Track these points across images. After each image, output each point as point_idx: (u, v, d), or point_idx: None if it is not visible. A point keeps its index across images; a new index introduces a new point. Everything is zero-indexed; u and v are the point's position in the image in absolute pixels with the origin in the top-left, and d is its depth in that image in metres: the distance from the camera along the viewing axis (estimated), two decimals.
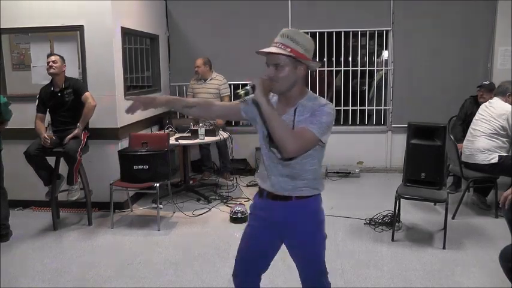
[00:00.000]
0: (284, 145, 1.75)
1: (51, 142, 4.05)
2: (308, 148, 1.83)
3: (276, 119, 1.76)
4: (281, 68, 1.82)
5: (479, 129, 4.31)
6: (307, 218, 1.98)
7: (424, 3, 5.81)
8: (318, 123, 1.80)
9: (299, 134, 1.79)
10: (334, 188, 5.58)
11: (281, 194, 1.95)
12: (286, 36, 1.82)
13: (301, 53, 1.82)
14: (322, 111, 1.82)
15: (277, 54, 1.80)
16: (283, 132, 1.75)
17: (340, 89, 6.28)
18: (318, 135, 1.80)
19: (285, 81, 1.84)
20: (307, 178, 1.93)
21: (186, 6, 6.14)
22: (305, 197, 1.95)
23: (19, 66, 4.75)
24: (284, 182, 1.93)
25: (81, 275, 3.30)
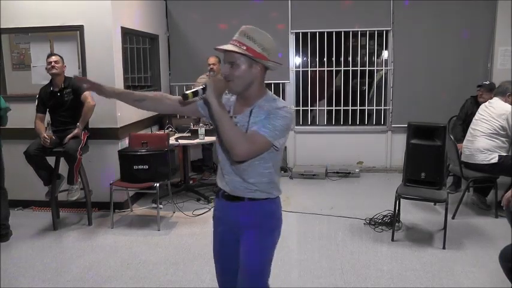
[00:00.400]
0: (232, 148, 1.69)
1: (51, 142, 4.05)
2: (259, 152, 1.76)
3: (225, 120, 1.69)
4: (236, 66, 1.76)
5: (479, 129, 4.31)
6: (257, 221, 1.90)
7: (424, 3, 5.81)
8: (272, 126, 1.72)
9: (250, 138, 1.71)
10: (334, 188, 5.58)
11: (234, 194, 1.90)
12: (243, 34, 1.78)
13: (258, 52, 1.76)
14: (277, 115, 1.74)
15: (230, 51, 1.75)
16: (232, 134, 1.68)
17: (340, 89, 6.28)
18: (271, 139, 1.73)
19: (241, 80, 1.78)
20: (260, 181, 1.87)
21: (186, 6, 6.15)
22: (258, 199, 1.89)
23: (19, 66, 4.75)
24: (237, 182, 1.89)
25: (81, 275, 3.30)
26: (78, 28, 4.49)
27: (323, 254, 3.60)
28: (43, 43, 4.62)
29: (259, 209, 1.91)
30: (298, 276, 3.24)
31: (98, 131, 4.45)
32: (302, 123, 6.48)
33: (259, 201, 1.90)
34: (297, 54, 6.30)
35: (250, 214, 1.90)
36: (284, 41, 6.09)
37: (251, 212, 1.90)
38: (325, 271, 3.27)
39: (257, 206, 1.90)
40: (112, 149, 4.52)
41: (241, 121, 1.83)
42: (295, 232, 4.23)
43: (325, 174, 5.98)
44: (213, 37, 6.08)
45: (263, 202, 1.91)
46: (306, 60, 6.44)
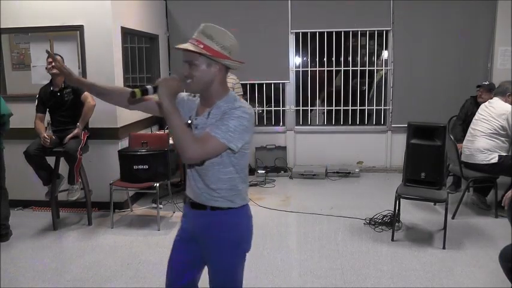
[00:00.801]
0: (182, 149, 1.61)
1: (50, 142, 4.05)
2: (211, 155, 1.69)
3: (175, 121, 1.63)
4: (194, 65, 1.70)
5: (479, 129, 4.31)
6: (219, 233, 1.80)
7: (424, 3, 5.81)
8: (225, 127, 1.64)
9: (201, 139, 1.64)
10: (334, 188, 5.58)
11: (198, 201, 1.82)
12: (202, 33, 1.71)
13: (216, 50, 1.69)
14: (231, 115, 1.66)
15: (187, 50, 1.69)
16: (182, 135, 1.62)
17: (340, 89, 6.28)
18: (224, 141, 1.64)
19: (199, 80, 1.71)
20: (222, 188, 1.77)
21: (186, 6, 6.14)
22: (220, 208, 1.79)
23: (19, 66, 4.75)
24: (200, 188, 1.80)
25: (81, 275, 3.30)
26: (78, 28, 4.49)
27: (323, 254, 3.60)
28: (43, 43, 4.62)
29: (220, 220, 1.80)
30: (298, 276, 3.24)
31: (98, 131, 4.45)
32: (302, 123, 6.48)
33: (221, 211, 1.79)
34: (297, 54, 6.30)
35: (211, 226, 1.81)
36: (284, 41, 6.09)
37: (212, 223, 1.81)
38: (325, 271, 3.27)
39: (219, 217, 1.80)
40: (112, 149, 4.52)
41: (201, 123, 1.77)
42: (295, 232, 4.23)
43: (325, 174, 5.98)
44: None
45: (226, 212, 1.80)
46: (306, 60, 6.44)
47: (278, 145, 6.31)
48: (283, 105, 6.38)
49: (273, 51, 6.12)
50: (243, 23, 6.09)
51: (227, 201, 1.79)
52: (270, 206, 4.78)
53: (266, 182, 5.76)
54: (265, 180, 5.82)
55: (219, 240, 1.81)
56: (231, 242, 1.82)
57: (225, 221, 1.81)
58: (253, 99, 6.53)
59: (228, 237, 1.81)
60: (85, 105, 4.12)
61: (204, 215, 1.81)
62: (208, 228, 1.82)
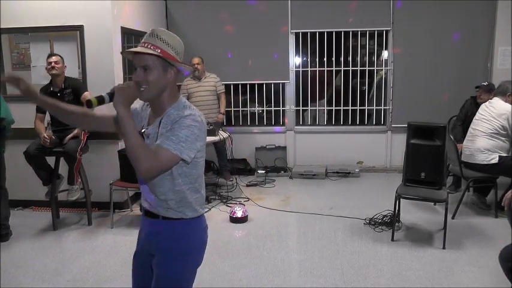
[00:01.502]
0: (136, 163, 1.53)
1: (50, 142, 4.05)
2: (165, 168, 1.61)
3: (130, 132, 1.55)
4: (150, 70, 1.61)
5: (479, 129, 4.31)
6: (168, 243, 1.75)
7: (424, 3, 5.81)
8: (176, 138, 1.57)
9: (154, 152, 1.56)
10: (334, 188, 5.58)
11: (151, 210, 1.78)
12: (156, 36, 1.63)
13: (172, 55, 1.64)
14: (181, 124, 1.59)
15: (146, 54, 1.60)
16: (136, 149, 1.53)
17: (340, 89, 6.28)
18: (176, 152, 1.56)
19: (154, 85, 1.63)
20: (171, 199, 1.71)
21: (185, 6, 6.14)
22: (171, 218, 1.74)
23: (19, 66, 4.75)
24: (152, 200, 1.75)
25: (81, 275, 3.30)
26: (78, 28, 4.49)
27: (323, 254, 3.60)
28: (43, 43, 4.62)
29: (170, 230, 1.75)
30: (298, 276, 3.24)
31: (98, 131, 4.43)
32: (302, 123, 6.48)
33: (172, 221, 1.74)
34: (297, 54, 6.30)
35: (161, 235, 1.76)
36: (284, 41, 6.09)
37: (163, 232, 1.76)
38: (325, 271, 3.27)
39: (169, 226, 1.75)
40: (112, 149, 4.52)
41: (152, 133, 1.70)
42: (295, 232, 4.23)
43: (325, 174, 5.98)
44: (213, 37, 6.09)
45: (176, 222, 1.74)
46: (305, 60, 6.44)
47: (278, 145, 6.31)
48: (283, 105, 6.38)
49: (273, 51, 6.12)
50: (243, 23, 6.09)
51: (177, 212, 1.73)
52: (270, 206, 4.78)
53: (266, 182, 5.76)
54: (265, 180, 5.82)
55: (167, 250, 1.75)
56: (179, 252, 1.75)
57: (175, 231, 1.75)
58: (253, 99, 6.53)
59: (176, 247, 1.74)
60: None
61: (157, 223, 1.77)
62: (158, 237, 1.77)
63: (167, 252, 1.75)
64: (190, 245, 1.78)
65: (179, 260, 1.75)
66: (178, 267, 1.75)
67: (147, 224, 1.82)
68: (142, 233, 1.87)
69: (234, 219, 4.27)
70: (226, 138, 5.24)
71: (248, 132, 6.36)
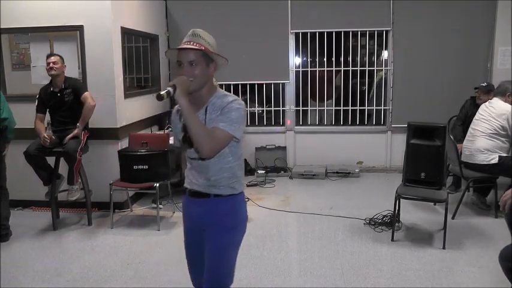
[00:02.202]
0: (201, 145, 1.77)
1: (50, 142, 4.05)
2: (223, 146, 1.84)
3: (195, 119, 1.76)
4: (196, 65, 1.83)
5: (479, 129, 4.31)
6: (220, 218, 1.96)
7: (424, 3, 5.81)
8: (228, 120, 1.81)
9: (212, 134, 1.79)
10: (333, 188, 5.58)
11: (200, 191, 1.97)
12: (198, 36, 1.87)
13: (212, 51, 1.87)
14: (230, 108, 1.83)
15: (193, 50, 1.83)
16: (200, 132, 1.76)
17: (340, 89, 6.28)
18: (231, 132, 1.81)
19: (200, 78, 1.84)
20: (222, 177, 1.93)
21: (186, 6, 6.14)
22: (223, 195, 1.95)
23: (19, 66, 4.75)
24: (201, 180, 1.95)
25: (81, 275, 3.30)
26: (78, 28, 4.49)
27: (323, 254, 3.60)
28: (43, 43, 4.62)
29: (222, 206, 1.95)
30: (298, 276, 3.24)
31: (98, 131, 4.45)
32: (302, 123, 6.48)
33: (223, 198, 1.94)
34: (297, 54, 6.30)
35: (213, 211, 1.95)
36: (284, 41, 6.09)
37: (214, 209, 1.95)
38: (325, 271, 3.27)
39: (221, 203, 1.95)
40: (112, 149, 4.52)
41: (200, 119, 1.87)
42: (295, 232, 4.23)
43: (325, 174, 5.98)
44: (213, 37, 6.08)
45: (227, 199, 1.95)
46: (305, 61, 6.44)
47: (278, 145, 6.31)
48: (283, 106, 6.38)
49: (273, 51, 6.12)
50: (243, 23, 6.10)
51: (229, 188, 1.94)
52: (270, 206, 4.77)
53: (266, 182, 5.76)
54: (265, 180, 5.82)
55: (220, 224, 1.94)
56: (231, 226, 1.96)
57: (227, 207, 1.96)
58: (253, 100, 6.53)
59: (229, 221, 1.96)
60: (85, 105, 4.12)
61: (207, 202, 1.95)
62: (210, 214, 1.95)
63: (221, 227, 1.94)
64: (240, 217, 2.02)
65: (231, 233, 1.97)
66: (230, 241, 1.97)
67: (197, 204, 1.99)
68: (190, 212, 2.05)
69: None
70: None
71: (248, 132, 6.35)
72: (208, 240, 1.96)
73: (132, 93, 5.09)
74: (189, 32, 1.90)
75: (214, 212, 1.95)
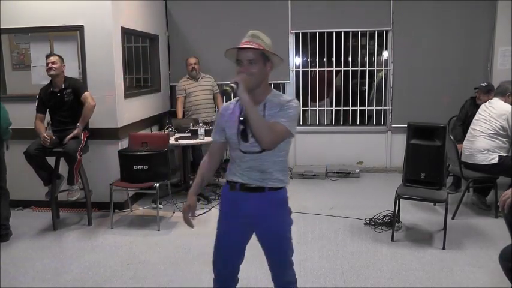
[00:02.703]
0: (263, 136, 1.88)
1: (50, 142, 4.05)
2: (281, 140, 1.97)
3: (257, 114, 1.89)
4: (254, 64, 1.95)
5: (479, 130, 4.31)
6: (277, 208, 2.11)
7: (424, 3, 5.81)
8: (288, 117, 1.95)
9: (273, 127, 1.91)
10: (334, 188, 5.58)
11: (254, 185, 2.05)
12: (257, 37, 1.99)
13: (269, 50, 1.99)
14: (290, 106, 1.98)
15: (254, 49, 1.93)
16: (262, 125, 1.88)
17: (340, 89, 6.28)
18: (289, 128, 1.95)
19: (257, 76, 1.96)
20: (276, 170, 2.05)
21: (186, 6, 6.14)
22: (275, 188, 2.07)
23: (19, 66, 4.76)
24: (255, 174, 2.05)
25: (81, 275, 3.30)
26: (78, 28, 4.49)
27: (323, 254, 3.60)
28: (43, 43, 4.62)
29: (277, 198, 2.09)
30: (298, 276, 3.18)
31: (98, 131, 4.45)
32: (302, 123, 6.47)
33: (276, 191, 2.07)
34: (297, 54, 6.30)
35: (269, 204, 2.07)
36: (284, 41, 6.09)
37: (270, 201, 2.07)
38: (325, 271, 3.27)
39: (275, 195, 2.08)
40: (112, 149, 4.52)
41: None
42: (295, 232, 4.16)
43: (325, 174, 5.98)
44: (213, 37, 6.09)
45: (280, 191, 2.09)
46: (305, 61, 6.44)
47: None
48: None
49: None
50: (243, 23, 6.08)
51: (280, 181, 2.08)
52: None
53: None
54: None
55: (277, 216, 2.10)
56: (286, 215, 2.15)
57: (279, 199, 2.11)
58: None
59: (283, 212, 2.13)
60: (85, 105, 4.12)
61: (262, 196, 2.06)
62: (267, 207, 2.07)
63: (278, 218, 2.11)
64: (289, 207, 2.17)
65: (287, 222, 2.16)
66: (287, 229, 2.16)
67: (250, 198, 2.07)
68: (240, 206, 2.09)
69: None
70: None
71: None
72: (267, 233, 2.12)
73: (132, 93, 5.09)
74: (248, 33, 2.02)
75: (271, 204, 2.07)
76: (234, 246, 2.18)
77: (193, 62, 5.51)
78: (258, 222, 2.10)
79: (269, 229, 2.11)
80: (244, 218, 2.10)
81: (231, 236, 2.16)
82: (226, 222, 2.17)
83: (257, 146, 1.98)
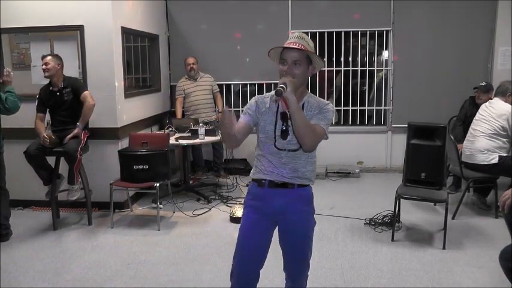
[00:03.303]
0: (305, 139, 1.95)
1: (50, 141, 4.04)
2: (319, 141, 2.03)
3: (303, 116, 1.94)
4: (299, 65, 1.99)
5: (479, 130, 4.31)
6: (304, 205, 2.14)
7: (424, 3, 5.81)
8: (326, 120, 2.05)
9: (315, 129, 1.99)
10: (334, 188, 5.58)
11: (284, 181, 2.08)
12: (302, 39, 2.02)
13: (313, 53, 2.04)
14: (328, 110, 2.07)
15: (301, 50, 1.98)
16: (307, 126, 1.94)
17: (341, 89, 6.28)
18: (326, 130, 2.05)
19: (301, 78, 2.01)
20: (308, 169, 2.10)
21: (186, 6, 6.14)
22: (305, 185, 2.12)
23: (19, 66, 4.75)
24: (287, 172, 2.08)
25: (81, 275, 3.30)
26: (78, 28, 4.49)
27: (323, 254, 3.59)
28: (43, 43, 4.62)
29: (304, 195, 2.13)
30: None
31: (98, 130, 4.45)
32: None
33: (304, 188, 2.12)
34: None
35: (296, 200, 2.10)
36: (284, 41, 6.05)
37: (297, 198, 2.11)
38: (325, 271, 3.27)
39: (303, 192, 2.12)
40: (112, 149, 4.52)
41: None
42: None
43: (325, 174, 5.98)
44: (213, 37, 6.09)
45: (308, 188, 2.14)
46: None
47: None
48: None
49: None
50: (243, 23, 6.09)
51: (308, 179, 2.12)
52: None
53: None
54: None
55: (303, 213, 2.13)
56: (311, 214, 2.17)
57: (307, 196, 2.15)
58: None
59: (309, 209, 2.16)
60: (85, 104, 4.12)
61: (290, 192, 2.09)
62: (292, 203, 2.10)
63: (303, 215, 2.14)
64: (313, 206, 2.20)
65: (312, 219, 2.18)
66: (313, 222, 2.18)
67: (279, 194, 2.09)
68: (268, 202, 2.10)
69: (234, 219, 4.27)
70: None
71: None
72: (292, 228, 2.12)
73: (132, 93, 5.09)
74: (294, 34, 2.06)
75: (299, 200, 2.11)
76: (257, 247, 2.15)
77: (192, 62, 5.52)
78: (284, 217, 2.11)
79: (294, 224, 2.12)
80: (271, 215, 2.11)
81: (255, 235, 2.14)
82: (250, 221, 2.15)
83: (293, 144, 2.03)
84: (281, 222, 2.14)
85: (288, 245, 2.17)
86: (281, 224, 2.14)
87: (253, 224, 2.14)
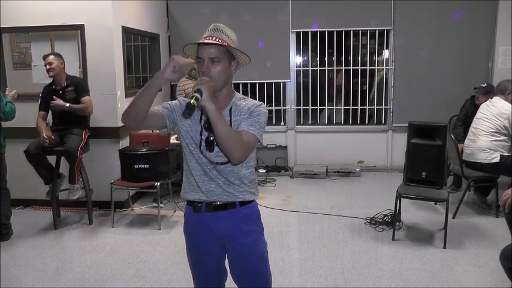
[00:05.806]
0: (231, 152, 1.64)
1: (50, 142, 4.04)
2: (251, 152, 1.73)
3: (225, 125, 1.63)
4: (217, 63, 1.69)
5: (480, 128, 4.31)
6: (252, 225, 1.86)
7: (425, 3, 5.81)
8: (258, 124, 1.72)
9: (243, 138, 1.66)
10: (334, 187, 5.58)
11: (222, 202, 1.81)
12: (220, 31, 1.71)
13: (234, 47, 1.73)
14: (259, 113, 1.75)
15: (217, 45, 1.67)
16: (231, 138, 1.62)
17: (341, 89, 6.28)
18: (259, 136, 1.72)
19: (222, 78, 1.72)
20: (244, 182, 1.82)
21: (186, 5, 6.14)
22: (247, 202, 1.84)
23: (20, 65, 4.75)
24: (222, 189, 1.80)
25: (82, 274, 3.31)
26: (79, 27, 4.49)
27: (323, 253, 3.60)
28: (44, 42, 4.62)
29: (249, 213, 1.86)
30: (298, 276, 3.24)
31: (99, 130, 4.45)
32: (303, 122, 6.47)
33: (247, 205, 1.85)
34: (298, 53, 6.29)
35: (242, 221, 1.83)
36: (285, 40, 6.09)
37: (242, 218, 1.83)
38: (326, 270, 3.27)
39: (247, 210, 1.84)
40: (113, 148, 4.53)
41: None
42: (296, 231, 4.23)
43: (326, 173, 5.98)
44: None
45: (251, 205, 1.87)
46: (306, 60, 6.43)
47: (279, 144, 6.31)
48: (284, 105, 6.37)
49: (273, 50, 6.12)
50: (244, 22, 6.09)
51: (250, 193, 1.85)
52: (271, 206, 4.77)
53: (267, 182, 5.76)
54: (266, 179, 5.82)
55: (252, 233, 1.85)
56: (261, 234, 1.90)
57: (252, 213, 1.87)
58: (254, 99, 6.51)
59: (258, 228, 1.88)
60: (84, 104, 4.11)
61: (232, 213, 1.82)
62: (240, 225, 1.83)
63: (254, 234, 1.86)
64: (261, 222, 1.92)
65: (262, 239, 1.90)
66: (264, 242, 1.90)
67: (220, 218, 1.82)
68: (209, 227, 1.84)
69: None
70: None
71: None
72: (243, 254, 1.84)
73: (133, 92, 5.08)
74: (211, 26, 1.74)
75: (244, 221, 1.83)
76: (213, 272, 1.92)
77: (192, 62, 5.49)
78: (232, 241, 1.83)
79: (245, 247, 1.82)
80: (217, 240, 1.85)
81: (206, 264, 1.90)
82: (197, 251, 1.91)
83: (222, 156, 1.74)
84: (229, 248, 1.86)
85: (244, 274, 1.87)
86: (230, 250, 1.86)
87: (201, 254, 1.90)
